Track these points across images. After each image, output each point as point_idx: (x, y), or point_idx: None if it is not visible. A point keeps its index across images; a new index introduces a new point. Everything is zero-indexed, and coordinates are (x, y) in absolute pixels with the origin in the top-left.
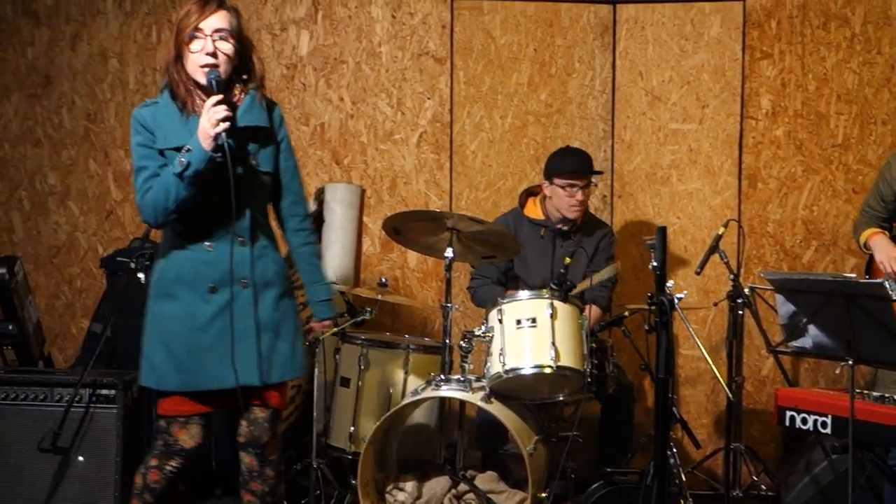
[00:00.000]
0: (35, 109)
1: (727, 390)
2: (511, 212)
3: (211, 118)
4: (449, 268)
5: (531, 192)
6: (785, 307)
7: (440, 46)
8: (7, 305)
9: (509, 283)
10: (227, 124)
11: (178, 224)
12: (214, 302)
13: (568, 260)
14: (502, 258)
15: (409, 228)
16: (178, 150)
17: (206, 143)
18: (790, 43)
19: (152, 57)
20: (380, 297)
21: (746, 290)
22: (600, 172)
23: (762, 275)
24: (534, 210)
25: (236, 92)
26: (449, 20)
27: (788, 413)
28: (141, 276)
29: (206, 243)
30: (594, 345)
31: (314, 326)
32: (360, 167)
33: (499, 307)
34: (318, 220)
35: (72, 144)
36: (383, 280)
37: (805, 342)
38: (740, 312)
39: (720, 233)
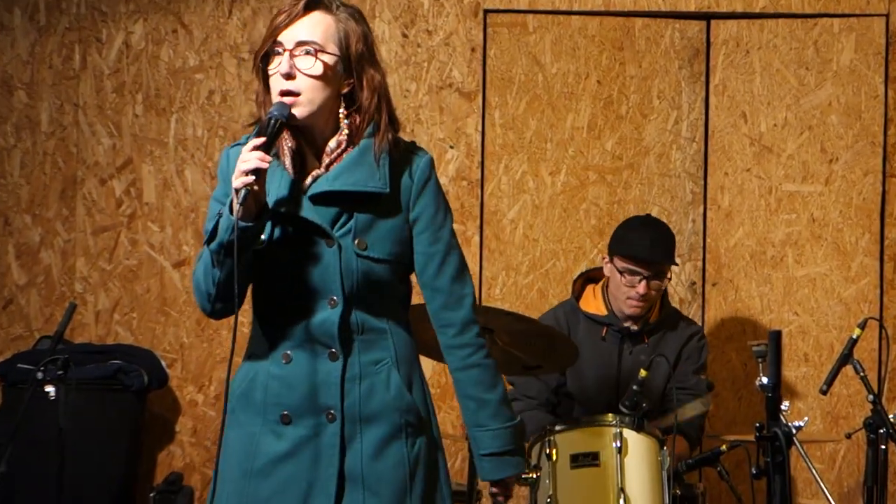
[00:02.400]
0: None
1: None
2: (563, 305)
3: (238, 167)
4: None
5: (590, 277)
6: None
7: (468, 76)
8: None
9: (561, 404)
10: (251, 179)
11: (255, 320)
12: (287, 437)
13: (643, 373)
14: (552, 369)
15: (421, 327)
16: None
17: (235, 208)
18: None
19: (74, 88)
20: None
21: (892, 418)
22: (674, 264)
23: None
24: (593, 302)
25: (337, 142)
26: (481, 41)
27: None
28: (50, 389)
29: (286, 351)
30: (679, 491)
31: (493, 491)
32: None
33: (548, 438)
34: None
35: None
36: None
37: None
38: (883, 447)
39: (855, 336)
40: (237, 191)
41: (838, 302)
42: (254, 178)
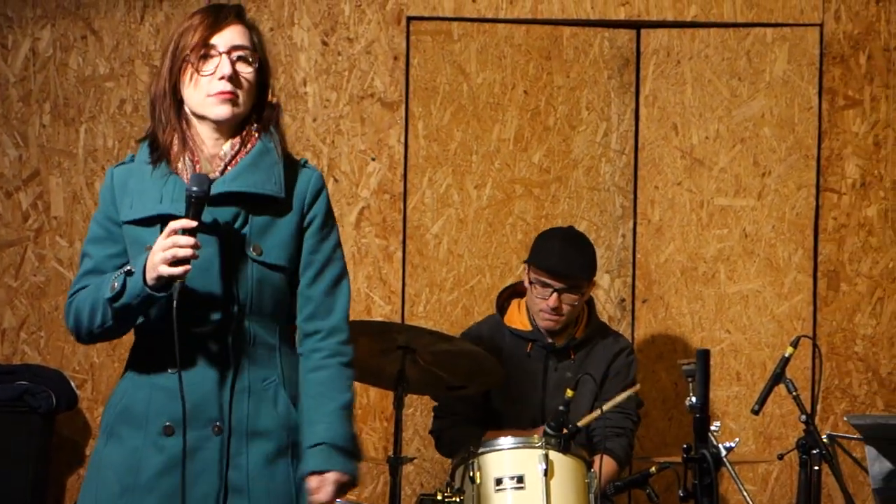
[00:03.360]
0: None
1: None
2: (487, 320)
3: (168, 251)
4: (399, 403)
5: (515, 291)
6: (879, 464)
7: (391, 86)
8: None
9: (489, 421)
10: (186, 268)
11: (137, 334)
12: (167, 450)
13: (570, 393)
14: (477, 389)
15: None
16: (145, 224)
17: (150, 277)
18: (886, 86)
19: None
20: None
21: (825, 438)
22: (586, 281)
23: (847, 419)
24: (518, 317)
25: (237, 140)
26: (404, 49)
27: None
28: None
29: (170, 363)
30: None
31: (310, 487)
32: None
33: (471, 460)
34: None
35: None
36: None
37: None
38: (816, 468)
39: (788, 354)
40: (171, 277)
41: (771, 319)
42: (189, 267)
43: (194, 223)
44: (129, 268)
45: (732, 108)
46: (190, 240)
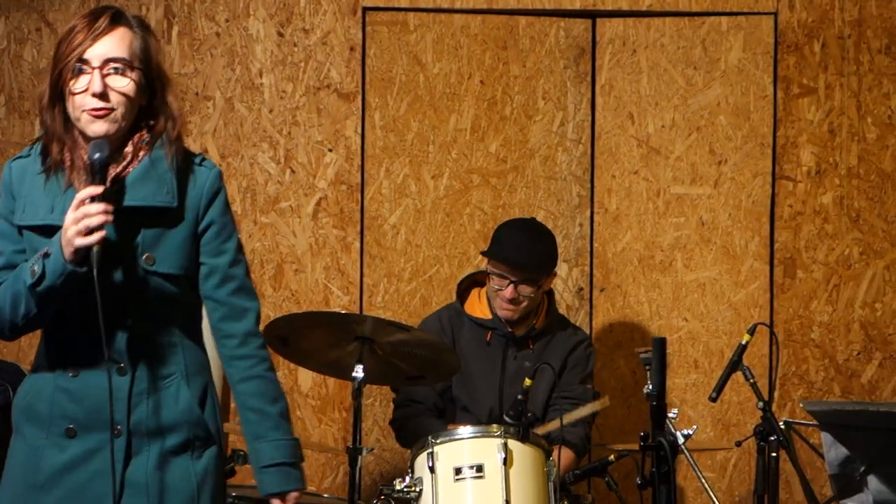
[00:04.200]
0: None
1: None
2: (447, 308)
3: (80, 222)
4: (358, 393)
5: (475, 279)
6: (835, 450)
7: (347, 77)
8: None
9: (448, 409)
10: (101, 235)
11: (46, 332)
12: (70, 451)
13: (528, 382)
14: (435, 380)
15: (300, 337)
16: (41, 231)
17: (68, 253)
18: (841, 73)
19: None
20: None
21: (782, 425)
22: (543, 274)
23: (802, 405)
24: (478, 306)
25: (129, 150)
26: (360, 40)
27: None
28: None
29: (74, 365)
30: (566, 502)
31: None
32: None
33: (429, 450)
34: None
35: None
36: None
37: (863, 499)
38: (774, 455)
39: (745, 342)
40: (87, 248)
41: (728, 307)
42: (102, 234)
43: (100, 189)
44: (45, 250)
45: (688, 96)
46: (99, 206)
